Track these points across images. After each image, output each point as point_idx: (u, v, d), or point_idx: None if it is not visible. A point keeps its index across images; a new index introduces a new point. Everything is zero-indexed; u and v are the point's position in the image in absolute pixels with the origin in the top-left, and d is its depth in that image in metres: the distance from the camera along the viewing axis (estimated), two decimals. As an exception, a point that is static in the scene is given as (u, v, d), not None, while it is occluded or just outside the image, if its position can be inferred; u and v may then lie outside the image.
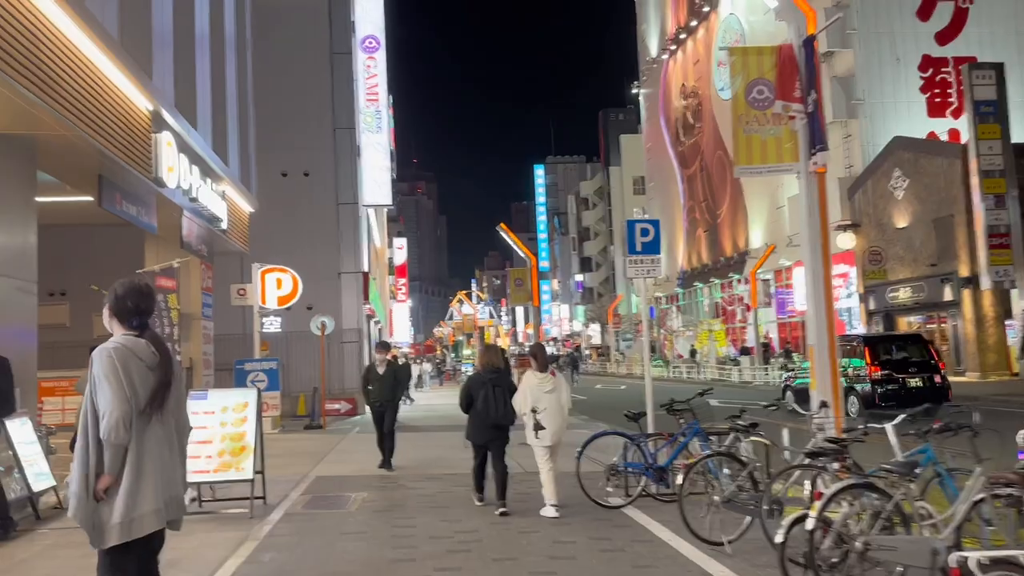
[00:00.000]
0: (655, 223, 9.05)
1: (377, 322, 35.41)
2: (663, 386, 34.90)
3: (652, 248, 8.81)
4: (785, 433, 7.82)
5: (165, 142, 10.91)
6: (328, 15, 22.75)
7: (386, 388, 11.18)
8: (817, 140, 6.98)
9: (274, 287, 16.77)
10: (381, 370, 11.29)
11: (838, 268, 36.01)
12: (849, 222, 33.47)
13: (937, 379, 17.19)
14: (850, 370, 17.36)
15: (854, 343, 18.06)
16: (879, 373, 17.11)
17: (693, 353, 44.44)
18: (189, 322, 16.05)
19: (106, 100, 9.08)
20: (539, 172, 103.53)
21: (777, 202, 40.83)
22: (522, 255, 23.28)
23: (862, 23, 34.89)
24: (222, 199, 14.73)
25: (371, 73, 23.55)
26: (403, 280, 54.79)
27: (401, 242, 55.85)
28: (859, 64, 34.84)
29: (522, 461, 10.43)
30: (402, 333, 51.74)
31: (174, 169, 11.29)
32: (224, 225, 14.76)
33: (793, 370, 22.26)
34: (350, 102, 22.83)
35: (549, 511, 7.54)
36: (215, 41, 14.99)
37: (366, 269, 23.39)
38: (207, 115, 13.94)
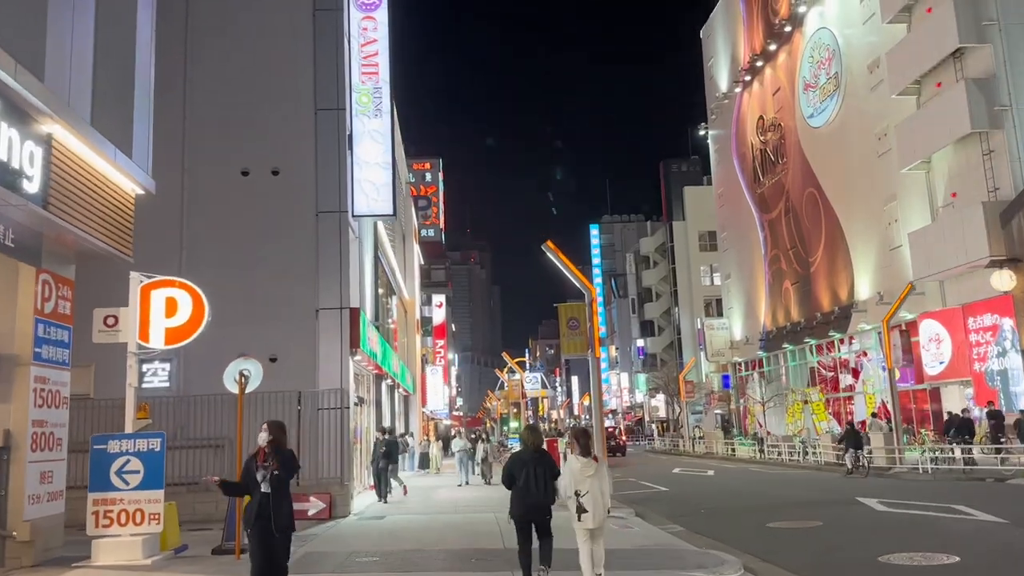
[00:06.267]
0: None
1: (396, 386, 28.51)
2: (769, 475, 26.10)
3: None
4: None
5: None
6: (310, -40, 16.73)
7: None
8: None
9: (161, 312, 10.09)
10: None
11: (983, 319, 28.06)
12: (1004, 257, 25.66)
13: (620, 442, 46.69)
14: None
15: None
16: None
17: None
18: (11, 369, 9.45)
19: None
20: (594, 232, 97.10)
21: (891, 242, 33.17)
22: (577, 284, 16.28)
23: (1003, 11, 27.78)
24: (40, 144, 8.22)
25: (368, 38, 17.29)
26: (441, 342, 47.99)
27: (440, 299, 49.27)
28: (1001, 62, 27.57)
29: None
30: (437, 402, 44.63)
31: None
32: (35, 188, 8.19)
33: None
34: (338, 75, 16.55)
35: None
36: None
37: (356, 304, 16.66)
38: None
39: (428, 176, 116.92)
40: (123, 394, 11.30)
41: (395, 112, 19.12)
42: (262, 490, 6.98)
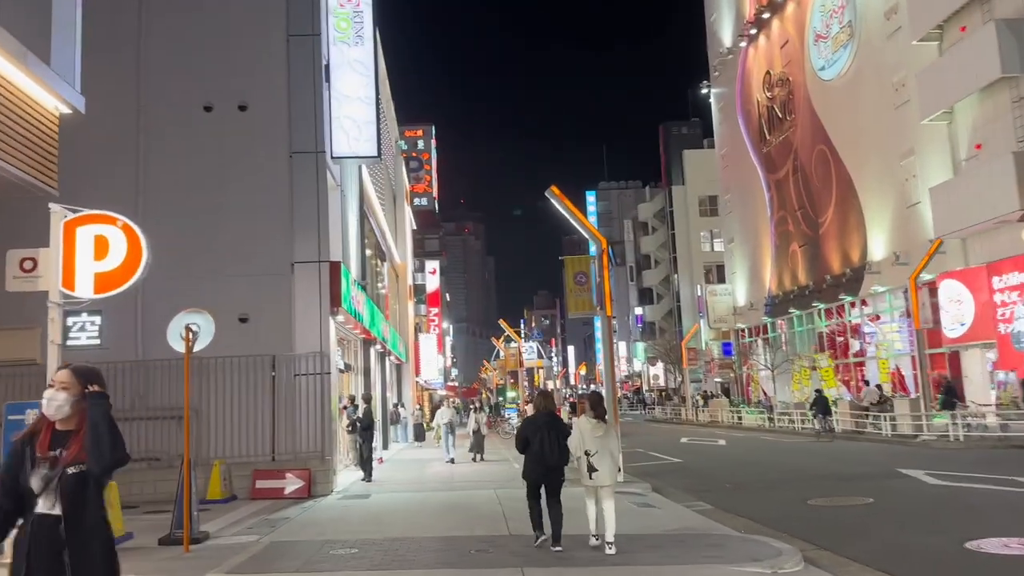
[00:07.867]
0: None
1: (388, 353, 26.79)
2: (785, 444, 24.22)
3: None
4: None
5: None
6: None
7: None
8: None
9: (89, 254, 8.28)
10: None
11: (1009, 278, 26.39)
12: (1037, 210, 23.88)
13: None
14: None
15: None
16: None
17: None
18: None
19: None
20: (591, 199, 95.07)
21: (908, 199, 31.37)
22: (585, 234, 14.50)
23: (1037, -54, 25.74)
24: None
25: (348, -45, 15.32)
26: (435, 310, 46.27)
27: (433, 265, 47.44)
28: (1034, 1, 25.59)
29: None
30: (431, 371, 43.02)
31: None
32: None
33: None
34: (313, -3, 14.60)
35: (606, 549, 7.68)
36: None
37: (338, 259, 14.85)
38: None
39: (420, 143, 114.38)
40: (72, 357, 9.50)
41: (379, 42, 17.16)
42: (40, 510, 3.28)
